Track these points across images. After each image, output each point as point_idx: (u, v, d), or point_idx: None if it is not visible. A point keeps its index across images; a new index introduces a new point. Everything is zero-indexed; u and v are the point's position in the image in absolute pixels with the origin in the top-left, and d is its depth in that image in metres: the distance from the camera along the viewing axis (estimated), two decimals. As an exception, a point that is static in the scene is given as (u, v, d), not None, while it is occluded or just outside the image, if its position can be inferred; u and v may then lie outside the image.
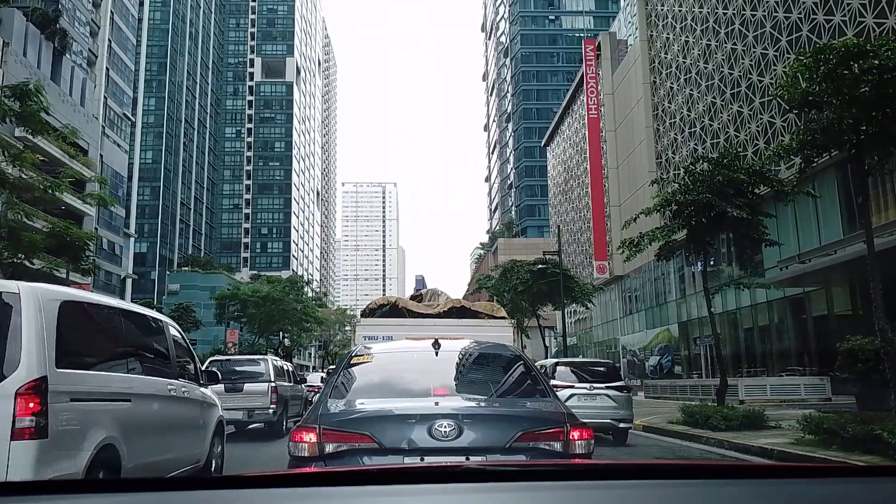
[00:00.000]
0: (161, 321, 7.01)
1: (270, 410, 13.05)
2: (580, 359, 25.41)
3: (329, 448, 3.79)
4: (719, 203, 14.66)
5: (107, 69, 65.55)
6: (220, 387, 8.45)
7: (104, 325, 5.88)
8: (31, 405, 4.34)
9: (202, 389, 7.52)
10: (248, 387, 12.21)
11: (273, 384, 13.38)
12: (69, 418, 4.68)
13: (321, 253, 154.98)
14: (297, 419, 11.44)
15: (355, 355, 5.01)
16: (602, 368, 14.13)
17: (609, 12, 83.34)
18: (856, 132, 11.03)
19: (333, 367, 4.97)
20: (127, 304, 6.91)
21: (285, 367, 16.43)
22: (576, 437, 3.90)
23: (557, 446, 3.87)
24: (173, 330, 7.09)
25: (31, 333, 4.50)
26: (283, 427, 13.57)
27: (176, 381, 6.66)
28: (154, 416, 6.05)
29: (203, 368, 7.87)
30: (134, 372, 6.07)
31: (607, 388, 12.48)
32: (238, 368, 11.57)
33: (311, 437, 3.83)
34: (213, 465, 7.62)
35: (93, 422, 4.97)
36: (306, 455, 3.81)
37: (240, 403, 10.11)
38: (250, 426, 13.08)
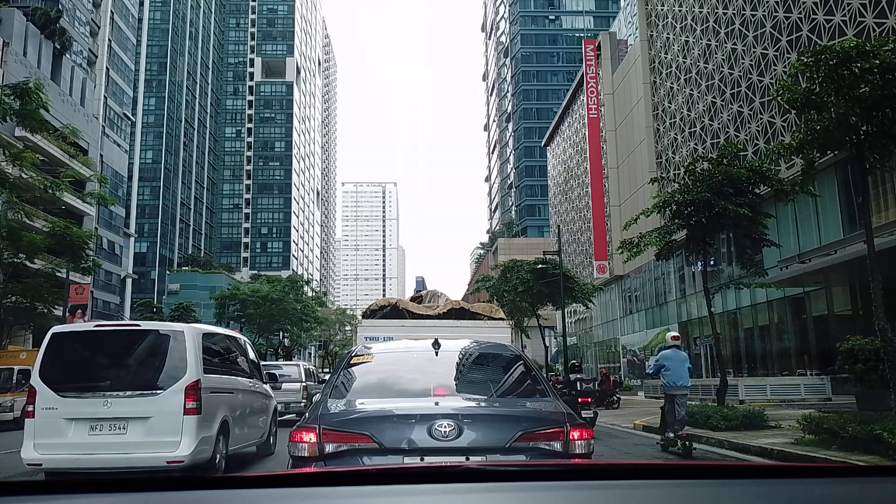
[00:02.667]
0: (244, 340, 10.77)
1: (302, 404, 16.49)
2: None
3: (329, 448, 3.79)
4: (718, 202, 14.66)
5: (107, 69, 65.53)
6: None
7: (220, 346, 9.28)
8: (193, 395, 7.45)
9: (265, 386, 10.72)
10: (285, 385, 15.13)
11: (304, 384, 17.46)
12: (209, 403, 7.76)
13: (321, 253, 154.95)
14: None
15: (355, 355, 5.00)
16: None
17: (609, 12, 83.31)
18: (856, 132, 11.03)
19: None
20: (228, 331, 10.85)
21: (311, 370, 20.24)
22: (575, 437, 3.89)
23: (557, 446, 3.85)
24: (248, 345, 10.71)
25: (191, 354, 7.65)
26: None
27: (252, 380, 9.99)
28: (244, 403, 9.29)
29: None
30: (234, 375, 9.36)
31: None
32: (277, 371, 14.55)
33: (310, 437, 3.83)
34: (271, 439, 10.60)
35: (218, 405, 8.11)
36: (306, 455, 3.81)
37: (279, 398, 12.51)
38: (285, 416, 15.21)
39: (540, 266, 32.57)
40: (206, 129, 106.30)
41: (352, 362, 4.84)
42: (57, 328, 8.21)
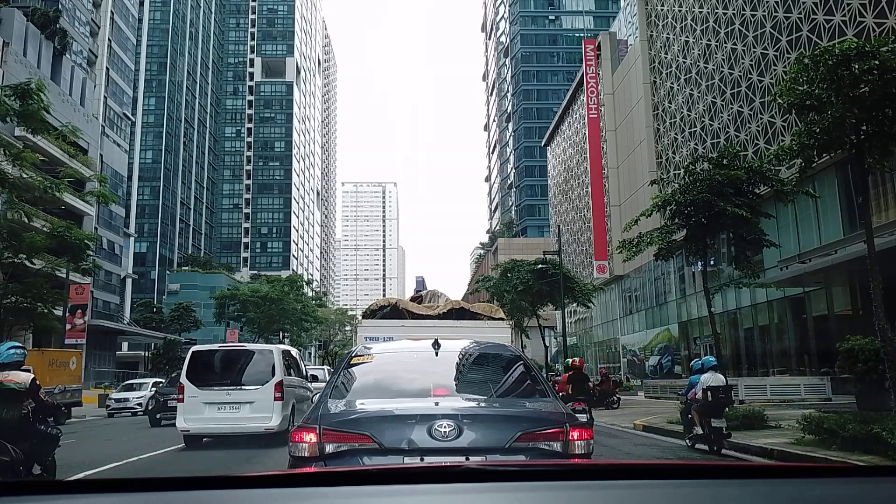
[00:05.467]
0: (297, 353, 15.98)
1: None
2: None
3: (329, 448, 3.78)
4: (717, 202, 14.69)
5: (107, 69, 65.53)
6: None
7: (289, 358, 14.04)
8: (279, 388, 12.08)
9: (307, 383, 15.13)
10: (314, 385, 18.18)
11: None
12: (286, 393, 12.29)
13: (321, 253, 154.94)
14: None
15: (355, 355, 4.98)
16: None
17: (609, 12, 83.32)
18: (856, 132, 11.04)
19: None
20: (292, 349, 16.27)
21: None
22: (575, 438, 3.88)
23: (557, 446, 3.85)
24: (299, 357, 15.81)
25: (278, 363, 12.42)
26: None
27: (302, 379, 14.66)
28: (300, 394, 13.71)
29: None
30: (296, 376, 14.02)
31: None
32: (311, 373, 18.14)
33: (311, 438, 3.82)
34: None
35: (290, 395, 12.63)
36: (306, 455, 3.81)
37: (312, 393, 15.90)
38: None
39: (540, 266, 32.57)
40: (206, 128, 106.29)
41: (352, 362, 4.83)
42: (195, 348, 13.88)
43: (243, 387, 12.17)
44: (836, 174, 22.28)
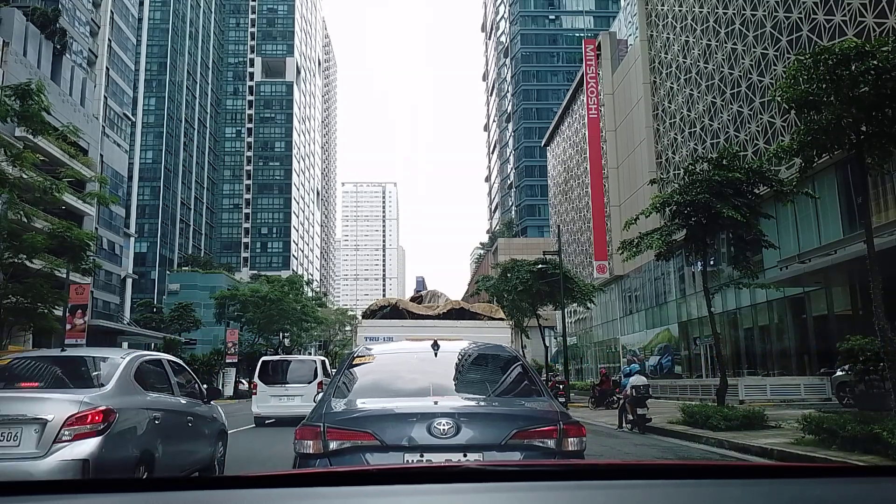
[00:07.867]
0: (328, 361, 21.15)
1: None
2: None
3: (332, 445, 3.89)
4: (715, 204, 14.70)
5: (107, 69, 65.53)
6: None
7: (325, 365, 19.31)
8: (321, 385, 16.81)
9: None
10: None
11: None
12: (323, 388, 12.59)
13: (321, 253, 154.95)
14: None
15: (357, 356, 5.09)
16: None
17: (609, 12, 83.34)
18: (856, 132, 11.03)
19: None
20: (324, 358, 22.21)
21: None
22: (568, 435, 4.01)
23: (550, 443, 3.97)
24: (328, 364, 19.92)
25: (319, 368, 18.47)
26: None
27: (328, 378, 16.11)
28: None
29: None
30: (325, 376, 17.87)
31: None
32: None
33: (315, 435, 3.94)
34: None
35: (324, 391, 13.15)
36: (311, 452, 3.93)
37: None
38: None
39: (540, 266, 32.54)
40: (206, 129, 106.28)
41: (353, 363, 4.95)
42: (265, 358, 19.88)
43: (296, 384, 17.51)
44: (836, 174, 22.28)
